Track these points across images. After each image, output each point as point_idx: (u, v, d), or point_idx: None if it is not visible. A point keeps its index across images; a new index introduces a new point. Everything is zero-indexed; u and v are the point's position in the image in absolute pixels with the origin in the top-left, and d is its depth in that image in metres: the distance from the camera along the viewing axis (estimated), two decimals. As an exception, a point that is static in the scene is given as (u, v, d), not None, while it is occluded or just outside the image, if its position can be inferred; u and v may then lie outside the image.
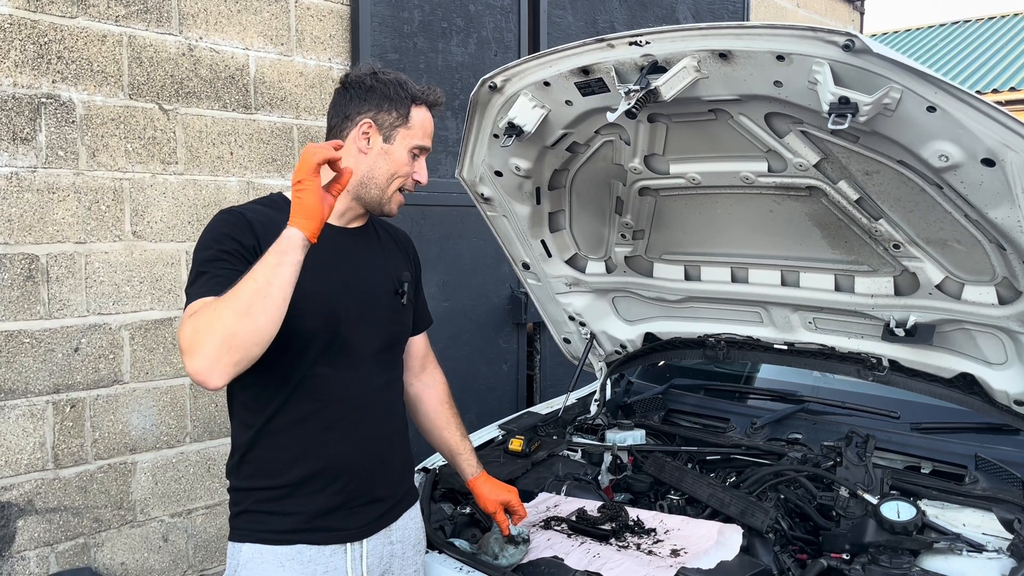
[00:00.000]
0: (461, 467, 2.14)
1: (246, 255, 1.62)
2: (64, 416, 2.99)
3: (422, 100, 1.82)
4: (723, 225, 2.39)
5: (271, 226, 1.69)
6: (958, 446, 2.36)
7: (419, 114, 1.81)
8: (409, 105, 1.79)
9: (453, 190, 3.38)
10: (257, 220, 1.70)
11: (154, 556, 3.26)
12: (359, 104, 1.78)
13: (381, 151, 1.78)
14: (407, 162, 1.80)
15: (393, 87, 1.79)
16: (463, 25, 4.25)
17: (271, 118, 3.52)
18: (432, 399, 2.13)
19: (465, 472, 2.13)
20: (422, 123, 1.82)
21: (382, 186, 1.79)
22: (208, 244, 1.65)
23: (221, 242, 1.64)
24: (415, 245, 2.10)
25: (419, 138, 1.81)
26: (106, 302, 3.08)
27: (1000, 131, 1.61)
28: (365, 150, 1.78)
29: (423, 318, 2.11)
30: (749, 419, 2.68)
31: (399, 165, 1.79)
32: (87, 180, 3.01)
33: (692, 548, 1.98)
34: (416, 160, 1.83)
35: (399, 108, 1.78)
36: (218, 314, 1.44)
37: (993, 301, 2.04)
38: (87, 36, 3.00)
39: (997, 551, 1.92)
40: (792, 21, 5.98)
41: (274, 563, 1.70)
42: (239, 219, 1.69)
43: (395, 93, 1.78)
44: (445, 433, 2.13)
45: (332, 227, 1.80)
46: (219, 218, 1.71)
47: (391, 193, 1.81)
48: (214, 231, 1.68)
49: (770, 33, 1.70)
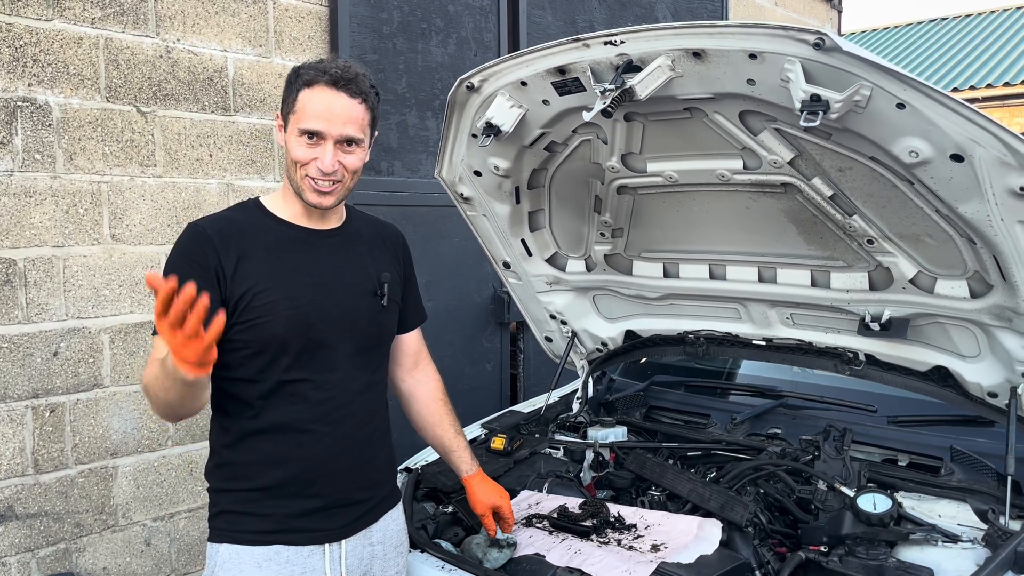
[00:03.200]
0: (456, 464, 2.12)
1: (206, 276, 1.65)
2: (44, 421, 2.97)
3: (312, 81, 1.72)
4: (700, 222, 2.41)
5: (235, 236, 1.72)
6: (934, 438, 2.39)
7: (307, 95, 1.71)
8: (298, 90, 1.73)
9: (434, 190, 3.39)
10: (219, 234, 1.71)
11: (136, 560, 3.25)
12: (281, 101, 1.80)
13: (284, 142, 1.76)
14: (296, 146, 1.71)
15: (292, 74, 1.75)
16: (442, 25, 4.25)
17: (250, 120, 3.51)
18: (425, 395, 2.10)
19: (460, 469, 2.11)
20: (307, 106, 1.71)
21: (291, 175, 1.75)
22: (171, 268, 1.69)
23: (182, 268, 1.66)
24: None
25: (303, 120, 1.70)
26: (85, 306, 3.06)
27: (968, 127, 1.63)
28: (281, 143, 1.78)
29: (415, 314, 2.07)
30: (729, 415, 2.71)
31: (290, 151, 1.73)
32: (64, 183, 2.99)
33: (672, 543, 2.00)
34: (317, 146, 1.71)
35: (291, 95, 1.74)
36: (151, 395, 1.61)
37: (965, 295, 2.07)
38: (63, 39, 2.98)
39: (972, 541, 1.94)
40: (771, 20, 6.04)
41: (251, 563, 1.70)
42: (200, 237, 1.71)
43: (290, 80, 1.75)
44: (438, 430, 2.10)
45: (303, 229, 1.80)
46: (184, 238, 1.74)
47: (300, 183, 1.74)
48: (178, 254, 1.72)
49: (742, 32, 1.72)
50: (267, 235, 1.76)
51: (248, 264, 1.70)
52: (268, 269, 1.71)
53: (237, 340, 1.68)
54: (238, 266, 1.69)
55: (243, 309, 1.68)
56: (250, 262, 1.70)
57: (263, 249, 1.73)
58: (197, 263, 1.66)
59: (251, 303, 1.68)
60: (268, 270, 1.71)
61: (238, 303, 1.68)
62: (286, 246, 1.77)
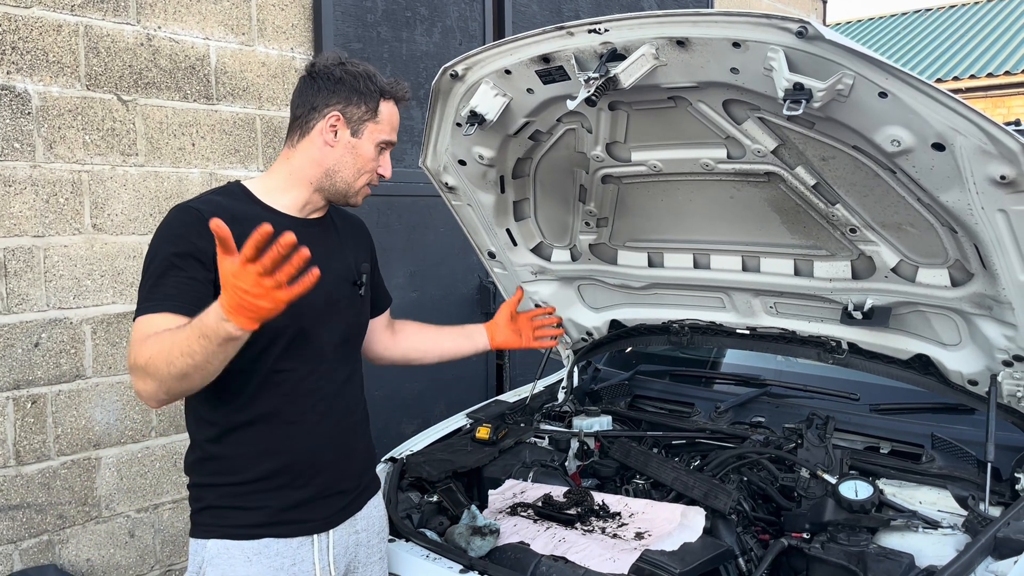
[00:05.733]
0: (474, 334, 2.38)
1: (201, 258, 1.60)
2: (25, 412, 2.95)
3: (390, 94, 1.80)
4: (685, 212, 2.41)
5: (229, 222, 1.67)
6: (915, 426, 2.41)
7: (387, 108, 1.79)
8: (378, 99, 1.77)
9: (419, 180, 3.37)
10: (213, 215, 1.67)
11: (120, 552, 3.24)
12: (327, 96, 1.75)
13: (348, 145, 1.76)
14: (374, 157, 1.79)
15: (363, 80, 1.76)
16: (427, 14, 4.23)
17: (233, 109, 3.48)
18: (412, 329, 2.28)
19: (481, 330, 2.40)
20: (390, 117, 1.80)
21: (349, 180, 1.78)
22: (161, 249, 1.62)
23: (176, 244, 1.61)
24: (370, 230, 2.09)
25: (387, 133, 1.80)
26: (66, 296, 3.04)
27: (949, 116, 1.64)
28: (332, 143, 1.76)
29: (383, 298, 2.14)
30: (713, 403, 2.72)
31: (366, 160, 1.78)
32: (44, 172, 2.96)
33: (656, 531, 2.01)
34: (382, 154, 1.82)
35: (368, 102, 1.76)
36: (156, 368, 1.47)
37: (946, 283, 2.08)
38: (42, 26, 2.94)
39: (952, 527, 1.96)
40: (756, 9, 6.03)
41: (241, 558, 1.69)
42: (194, 218, 1.64)
43: (364, 86, 1.76)
44: (441, 336, 2.34)
45: (293, 219, 1.79)
46: (175, 219, 1.67)
47: (358, 187, 1.80)
48: (169, 233, 1.64)
49: (726, 20, 1.72)
50: (260, 222, 1.74)
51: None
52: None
53: None
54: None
55: None
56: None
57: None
58: (193, 243, 1.61)
59: None
60: None
61: None
62: (278, 234, 1.75)
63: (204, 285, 1.59)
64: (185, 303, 1.55)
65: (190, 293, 1.57)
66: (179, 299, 1.56)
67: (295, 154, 1.79)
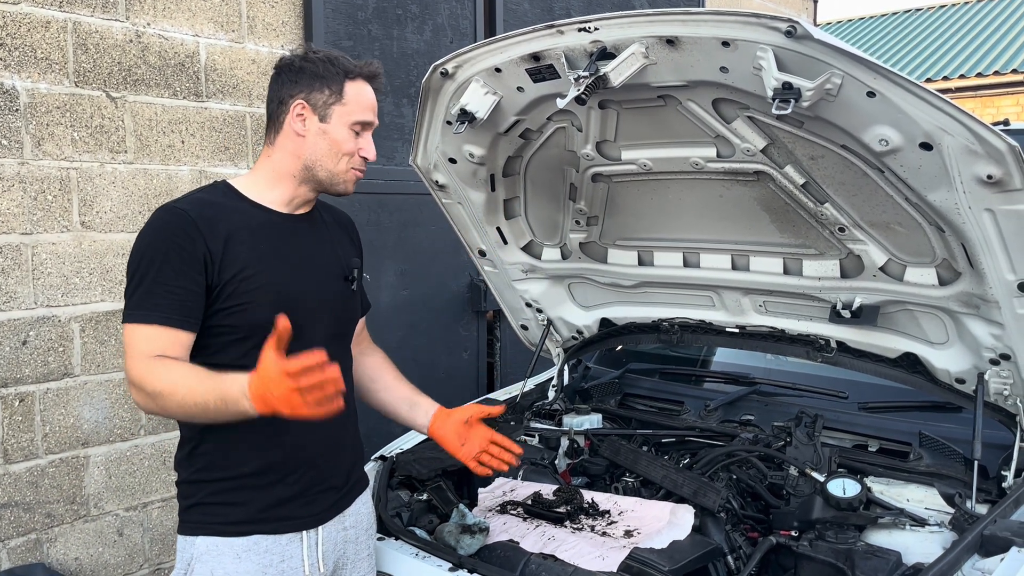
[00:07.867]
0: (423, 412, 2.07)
1: (192, 262, 1.61)
2: (13, 410, 2.93)
3: (356, 73, 1.76)
4: (675, 211, 2.41)
5: (218, 219, 1.68)
6: (903, 424, 2.42)
7: (354, 88, 1.75)
8: (342, 81, 1.74)
9: (410, 178, 3.37)
10: (202, 217, 1.66)
11: (109, 551, 3.22)
12: (291, 87, 1.74)
13: (319, 132, 1.74)
14: (348, 139, 1.75)
15: (323, 64, 1.74)
16: (418, 12, 4.22)
17: (223, 106, 3.47)
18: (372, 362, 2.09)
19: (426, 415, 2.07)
20: (358, 97, 1.76)
21: (329, 167, 1.76)
22: (148, 252, 1.63)
23: (164, 248, 1.61)
24: (360, 231, 2.07)
25: (358, 113, 1.76)
26: (55, 294, 3.02)
27: (937, 115, 1.65)
28: (302, 132, 1.74)
29: (363, 303, 2.08)
30: (703, 402, 2.72)
31: (341, 143, 1.75)
32: (32, 170, 2.95)
33: (645, 529, 2.01)
34: (360, 136, 1.78)
35: (331, 85, 1.73)
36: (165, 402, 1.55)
37: (934, 282, 2.09)
38: (30, 22, 2.92)
39: (939, 525, 1.97)
40: (746, 8, 6.04)
41: (231, 555, 1.68)
42: (183, 220, 1.64)
43: (325, 70, 1.73)
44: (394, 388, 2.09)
45: (281, 215, 1.78)
46: (161, 221, 1.66)
47: (341, 173, 1.77)
48: (159, 238, 1.64)
49: (715, 19, 1.72)
50: (249, 219, 1.74)
51: (234, 248, 1.67)
52: (254, 254, 1.69)
53: (224, 325, 1.66)
54: (225, 250, 1.65)
55: (230, 294, 1.65)
56: (236, 246, 1.67)
57: (248, 233, 1.71)
58: (182, 247, 1.61)
59: (238, 288, 1.66)
60: (254, 254, 1.69)
61: (225, 287, 1.65)
62: (268, 230, 1.75)
63: (191, 292, 1.61)
64: (175, 313, 1.60)
65: (179, 303, 1.60)
66: (168, 309, 1.59)
67: (274, 151, 1.78)
